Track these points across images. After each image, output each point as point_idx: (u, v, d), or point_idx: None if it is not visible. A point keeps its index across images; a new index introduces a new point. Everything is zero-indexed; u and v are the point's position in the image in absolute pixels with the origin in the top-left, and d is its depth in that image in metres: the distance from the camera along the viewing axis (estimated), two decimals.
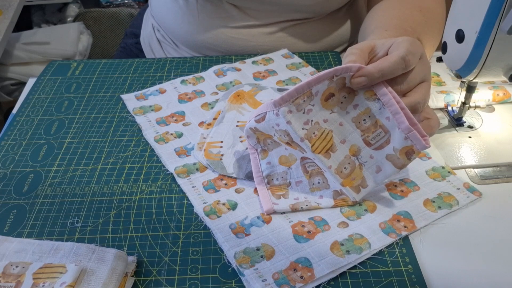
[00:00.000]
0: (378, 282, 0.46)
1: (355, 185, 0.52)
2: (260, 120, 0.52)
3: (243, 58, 0.80)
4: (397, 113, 0.48)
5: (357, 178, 0.52)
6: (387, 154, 0.51)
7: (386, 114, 0.50)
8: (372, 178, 0.52)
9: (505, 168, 0.58)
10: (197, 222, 0.52)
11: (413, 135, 0.48)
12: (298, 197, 0.54)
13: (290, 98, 0.49)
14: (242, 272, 0.46)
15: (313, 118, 0.50)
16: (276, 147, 0.55)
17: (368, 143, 0.51)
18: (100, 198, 0.55)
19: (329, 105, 0.51)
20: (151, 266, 0.48)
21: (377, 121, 0.51)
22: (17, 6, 1.70)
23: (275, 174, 0.55)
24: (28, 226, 0.52)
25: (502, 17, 0.50)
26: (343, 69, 0.48)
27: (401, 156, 0.50)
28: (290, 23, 0.82)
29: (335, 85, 0.50)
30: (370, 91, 0.50)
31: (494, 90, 0.67)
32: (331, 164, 0.51)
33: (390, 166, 0.51)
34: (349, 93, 0.51)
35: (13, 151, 0.63)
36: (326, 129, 0.51)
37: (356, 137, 0.52)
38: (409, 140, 0.48)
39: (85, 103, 0.71)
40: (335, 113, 0.51)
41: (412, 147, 0.49)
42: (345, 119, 0.51)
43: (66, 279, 0.43)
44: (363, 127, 0.51)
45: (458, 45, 0.56)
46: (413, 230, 0.50)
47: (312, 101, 0.50)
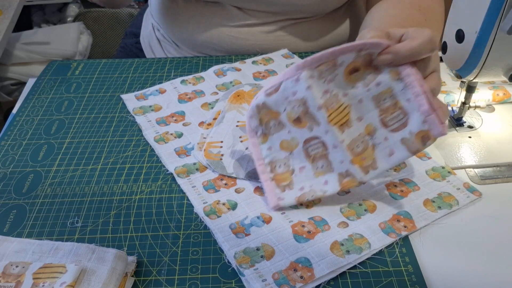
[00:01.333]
0: (378, 282, 0.46)
1: (365, 165, 0.51)
2: (272, 93, 0.51)
3: (243, 58, 0.80)
4: (418, 95, 0.47)
5: (368, 158, 0.51)
6: (402, 138, 0.49)
7: (408, 96, 0.48)
8: (383, 161, 0.51)
9: (505, 168, 0.58)
10: (197, 222, 0.52)
11: (431, 119, 0.47)
12: (303, 186, 0.53)
13: (314, 62, 0.48)
14: (242, 272, 0.46)
15: (333, 90, 0.50)
16: (278, 131, 0.54)
17: (385, 124, 0.50)
18: (100, 198, 0.55)
19: (352, 79, 0.50)
20: (151, 266, 0.48)
21: (397, 102, 0.49)
22: (17, 6, 1.70)
23: (277, 161, 0.54)
24: (28, 226, 0.52)
25: (502, 17, 0.50)
26: (373, 44, 0.48)
27: (416, 140, 0.48)
28: (289, 22, 0.82)
29: (362, 60, 0.49)
30: (394, 71, 0.49)
31: (494, 90, 0.67)
32: (344, 139, 0.50)
33: (403, 150, 0.49)
34: (374, 71, 0.50)
35: (13, 151, 0.63)
36: (344, 103, 0.50)
37: (373, 116, 0.51)
38: (427, 124, 0.47)
39: (85, 103, 0.71)
40: (357, 88, 0.50)
41: (428, 132, 0.48)
42: (365, 96, 0.50)
43: (66, 279, 0.43)
44: (382, 106, 0.50)
45: (458, 45, 0.56)
46: (413, 230, 0.50)
47: (335, 71, 0.49)
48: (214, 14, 0.81)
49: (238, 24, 0.81)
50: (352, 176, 0.51)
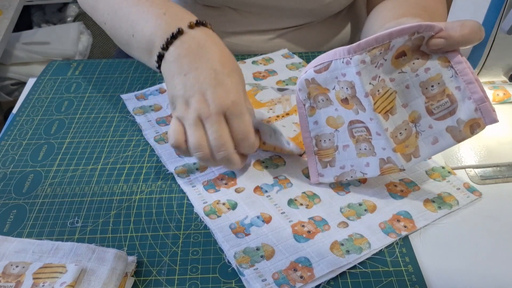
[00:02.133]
0: (378, 282, 0.46)
1: (407, 153, 0.50)
2: (321, 70, 0.50)
3: (243, 58, 0.80)
4: (471, 83, 0.47)
5: (410, 146, 0.50)
6: (447, 126, 0.49)
7: (458, 83, 0.48)
8: (426, 149, 0.50)
9: (505, 168, 0.58)
10: (197, 222, 0.52)
11: (485, 107, 0.46)
12: (345, 165, 0.53)
13: (367, 46, 0.47)
14: (242, 272, 0.46)
15: (380, 75, 0.49)
16: (326, 107, 0.53)
17: (430, 111, 0.50)
18: (100, 198, 0.55)
19: (399, 64, 0.49)
20: (151, 266, 0.48)
21: (446, 89, 0.48)
22: (17, 6, 1.70)
23: (323, 135, 0.54)
24: (28, 226, 0.52)
25: (502, 17, 0.50)
26: (427, 26, 0.47)
27: (464, 129, 0.48)
28: (290, 29, 0.83)
29: (411, 45, 0.48)
30: (443, 58, 0.48)
31: (494, 90, 0.67)
32: (388, 127, 0.50)
33: (448, 139, 0.49)
34: (422, 56, 0.49)
35: (13, 151, 0.63)
36: (391, 89, 0.50)
37: (419, 103, 0.50)
38: (479, 112, 0.46)
39: (85, 103, 0.71)
40: (405, 73, 0.49)
41: (479, 120, 0.47)
42: (412, 82, 0.49)
43: (66, 279, 0.43)
44: (429, 93, 0.49)
45: None
46: (413, 230, 0.50)
47: (387, 55, 0.48)
48: (214, 20, 0.81)
49: (238, 31, 0.81)
50: (393, 163, 0.51)
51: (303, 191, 0.55)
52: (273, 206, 0.53)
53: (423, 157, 0.50)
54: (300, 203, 0.53)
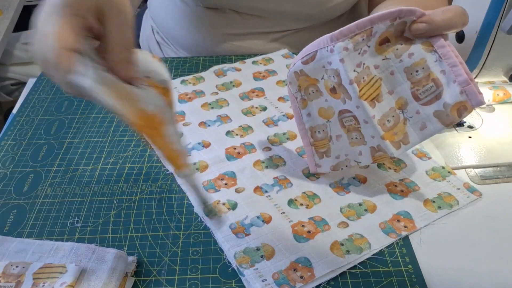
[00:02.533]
0: (378, 282, 0.46)
1: (396, 140, 0.50)
2: (308, 61, 0.51)
3: (243, 58, 0.80)
4: (455, 66, 0.47)
5: (399, 133, 0.50)
6: (435, 111, 0.48)
7: (442, 67, 0.47)
8: (415, 135, 0.50)
9: (505, 168, 0.58)
10: (197, 222, 0.52)
11: (470, 89, 0.46)
12: (339, 154, 0.54)
13: (349, 33, 0.48)
14: (242, 272, 0.46)
15: (365, 62, 0.49)
16: (317, 98, 0.54)
17: (416, 97, 0.49)
18: (100, 198, 0.55)
19: (383, 51, 0.49)
20: (151, 266, 0.48)
21: (430, 74, 0.48)
22: (17, 6, 1.70)
23: (316, 126, 0.55)
24: (28, 226, 0.52)
25: (502, 17, 0.50)
26: (408, 11, 0.47)
27: (451, 112, 0.47)
28: (292, 31, 0.83)
29: (393, 30, 0.48)
30: (427, 42, 0.48)
31: (494, 90, 0.67)
32: (375, 114, 0.50)
33: (436, 123, 0.49)
34: (406, 41, 0.49)
35: (13, 151, 0.63)
36: (376, 76, 0.50)
37: (405, 89, 0.50)
38: (465, 94, 0.46)
39: (85, 103, 0.71)
40: (388, 59, 0.49)
41: (465, 103, 0.47)
42: (397, 68, 0.49)
43: (66, 279, 0.43)
44: (414, 79, 0.49)
45: (458, 45, 0.56)
46: (413, 230, 0.50)
47: (370, 41, 0.48)
48: (215, 21, 0.81)
49: (240, 33, 0.81)
50: (383, 151, 0.51)
51: (303, 191, 0.55)
52: (273, 206, 0.53)
53: (413, 144, 0.50)
54: (300, 203, 0.53)
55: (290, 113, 0.67)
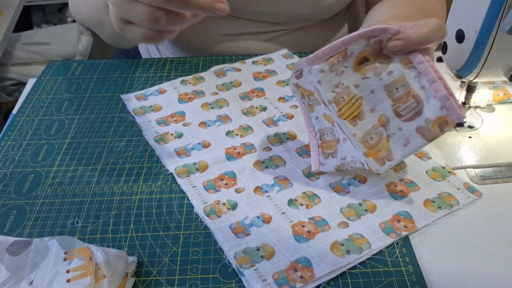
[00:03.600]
0: (378, 282, 0.46)
1: (380, 157, 0.51)
2: (298, 77, 0.52)
3: (243, 58, 0.80)
4: (434, 81, 0.47)
5: (383, 150, 0.51)
6: (417, 126, 0.49)
7: (422, 83, 0.48)
8: (399, 151, 0.50)
9: (505, 168, 0.58)
10: (197, 222, 0.52)
11: (450, 104, 0.47)
12: (346, 156, 0.54)
13: (324, 55, 0.48)
14: (242, 272, 0.46)
15: (344, 82, 0.50)
16: (319, 104, 0.55)
17: (398, 114, 0.50)
18: (100, 198, 0.55)
19: (362, 70, 0.50)
20: (151, 266, 0.48)
21: (411, 90, 0.49)
22: (17, 6, 1.70)
23: (325, 129, 0.55)
24: (28, 227, 0.52)
25: (502, 17, 0.50)
26: (381, 30, 0.47)
27: (433, 127, 0.48)
28: (287, 31, 0.83)
29: (371, 49, 0.49)
30: (405, 59, 0.49)
31: (494, 90, 0.67)
32: (356, 132, 0.50)
33: (419, 139, 0.49)
34: (385, 59, 0.49)
35: (13, 151, 0.63)
36: (356, 95, 0.50)
37: (386, 106, 0.50)
38: (445, 109, 0.47)
39: (85, 103, 0.71)
40: (368, 78, 0.50)
41: (446, 118, 0.47)
42: (377, 86, 0.50)
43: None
44: (395, 96, 0.50)
45: (458, 45, 0.56)
46: (413, 230, 0.50)
47: (346, 62, 0.49)
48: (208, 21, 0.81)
49: (235, 33, 0.82)
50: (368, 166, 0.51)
51: (303, 191, 0.55)
52: (273, 206, 0.53)
53: (397, 160, 0.51)
54: (300, 203, 0.53)
55: (290, 113, 0.67)
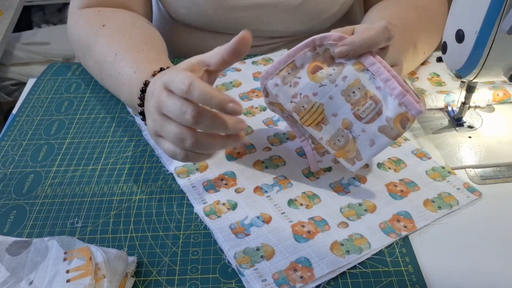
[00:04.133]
0: (378, 282, 0.46)
1: (350, 157, 0.52)
2: (267, 95, 0.53)
3: (243, 58, 0.80)
4: (388, 80, 0.49)
5: (351, 150, 0.52)
6: (379, 126, 0.50)
7: (377, 84, 0.50)
8: (366, 151, 0.51)
9: (505, 168, 0.58)
10: (197, 222, 0.52)
11: (407, 100, 0.48)
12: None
13: (274, 70, 0.51)
14: (242, 272, 0.46)
15: (301, 92, 0.51)
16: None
17: (358, 117, 0.51)
18: (100, 198, 0.55)
19: (318, 78, 0.51)
20: (151, 266, 0.48)
21: (367, 92, 0.50)
22: (17, 6, 1.70)
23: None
24: (28, 227, 0.52)
25: (502, 17, 0.50)
26: (322, 38, 0.50)
27: (395, 125, 0.49)
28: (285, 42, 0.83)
29: (322, 58, 0.51)
30: (357, 63, 0.50)
31: (494, 90, 0.67)
32: (323, 136, 0.52)
33: (383, 138, 0.50)
34: (337, 66, 0.51)
35: (13, 151, 0.63)
36: (317, 102, 0.51)
37: (346, 111, 0.51)
38: (403, 106, 0.48)
39: (85, 103, 0.71)
40: (325, 86, 0.51)
41: (406, 114, 0.49)
42: (334, 92, 0.51)
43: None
44: (352, 100, 0.51)
45: (458, 45, 0.56)
46: (413, 230, 0.50)
47: (298, 73, 0.51)
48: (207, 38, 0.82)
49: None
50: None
51: (303, 191, 0.55)
52: (273, 206, 0.53)
53: (366, 159, 0.52)
54: (300, 203, 0.53)
55: None
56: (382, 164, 0.58)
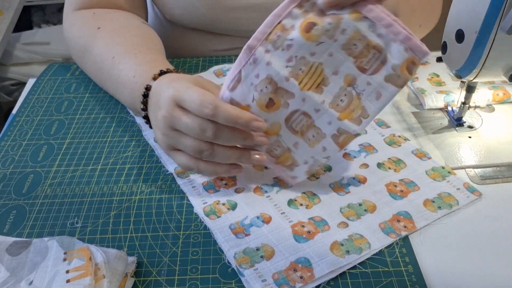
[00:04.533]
0: (378, 282, 0.46)
1: (355, 117, 0.50)
2: (235, 86, 0.49)
3: None
4: (390, 25, 0.45)
5: (356, 109, 0.49)
6: (385, 76, 0.48)
7: (378, 31, 0.46)
8: (372, 106, 0.49)
9: (505, 168, 0.58)
10: (197, 222, 0.52)
11: (413, 44, 0.45)
12: (306, 160, 0.53)
13: (262, 35, 0.47)
14: (242, 272, 0.46)
15: (297, 54, 0.48)
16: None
17: (363, 69, 0.48)
18: (100, 198, 0.55)
19: (314, 36, 0.47)
20: (151, 267, 0.48)
21: (369, 42, 0.47)
22: (17, 6, 1.70)
23: (270, 146, 0.54)
24: (28, 227, 0.52)
25: (502, 17, 0.50)
26: None
27: (402, 72, 0.47)
28: None
29: (313, 14, 0.47)
30: (354, 12, 0.46)
31: (494, 90, 0.67)
32: (325, 99, 0.49)
33: (391, 87, 0.48)
34: (333, 19, 0.46)
35: (13, 151, 0.63)
36: (316, 62, 0.48)
37: (349, 65, 0.48)
38: (410, 50, 0.46)
39: (85, 103, 0.71)
40: (323, 43, 0.48)
41: (413, 58, 0.46)
42: (334, 48, 0.48)
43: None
44: (354, 53, 0.48)
45: (458, 45, 0.56)
46: (413, 230, 0.50)
47: (290, 35, 0.47)
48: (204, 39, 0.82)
49: (230, 48, 0.83)
50: (345, 132, 0.50)
51: (303, 191, 0.55)
52: (273, 206, 0.53)
53: (373, 115, 0.50)
54: (300, 203, 0.53)
55: None
56: (382, 164, 0.58)
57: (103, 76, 0.67)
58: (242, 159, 0.52)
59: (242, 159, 0.52)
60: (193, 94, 0.49)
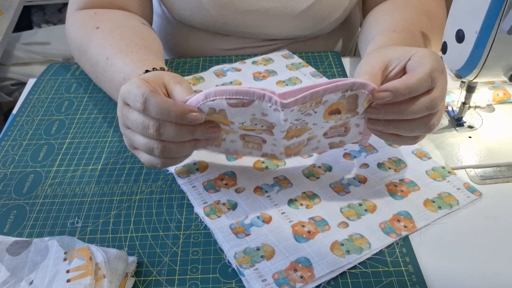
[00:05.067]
0: (378, 282, 0.46)
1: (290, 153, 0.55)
2: (238, 105, 0.46)
3: (243, 58, 0.80)
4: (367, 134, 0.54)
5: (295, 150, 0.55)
6: (331, 142, 0.55)
7: (359, 123, 0.53)
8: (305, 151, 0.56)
9: (505, 168, 0.58)
10: (197, 222, 0.52)
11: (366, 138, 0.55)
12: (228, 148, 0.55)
13: (298, 102, 0.46)
14: (242, 272, 0.46)
15: (306, 120, 0.49)
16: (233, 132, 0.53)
17: (325, 134, 0.54)
18: (100, 198, 0.55)
19: (329, 118, 0.49)
20: (151, 266, 0.48)
21: (347, 124, 0.53)
22: (17, 6, 1.70)
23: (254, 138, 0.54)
24: (28, 227, 0.52)
25: (502, 17, 0.50)
26: (360, 85, 0.46)
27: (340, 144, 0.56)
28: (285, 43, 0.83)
29: (345, 103, 0.48)
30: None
31: (494, 90, 0.67)
32: (286, 144, 0.53)
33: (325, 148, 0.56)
34: (352, 115, 0.49)
35: (13, 151, 0.63)
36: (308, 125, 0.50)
37: (321, 132, 0.53)
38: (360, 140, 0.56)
39: (85, 103, 0.71)
40: (327, 123, 0.50)
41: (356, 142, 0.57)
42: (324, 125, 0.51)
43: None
44: (333, 126, 0.53)
45: (458, 45, 0.56)
46: (413, 230, 0.50)
47: (317, 108, 0.47)
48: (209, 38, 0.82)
49: (233, 47, 0.83)
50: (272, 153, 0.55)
51: (303, 191, 0.55)
52: (273, 206, 0.53)
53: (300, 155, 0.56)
54: (300, 203, 0.53)
55: None
56: (382, 164, 0.58)
57: (99, 77, 0.67)
58: (198, 145, 0.50)
59: (198, 145, 0.50)
60: (133, 89, 0.46)
